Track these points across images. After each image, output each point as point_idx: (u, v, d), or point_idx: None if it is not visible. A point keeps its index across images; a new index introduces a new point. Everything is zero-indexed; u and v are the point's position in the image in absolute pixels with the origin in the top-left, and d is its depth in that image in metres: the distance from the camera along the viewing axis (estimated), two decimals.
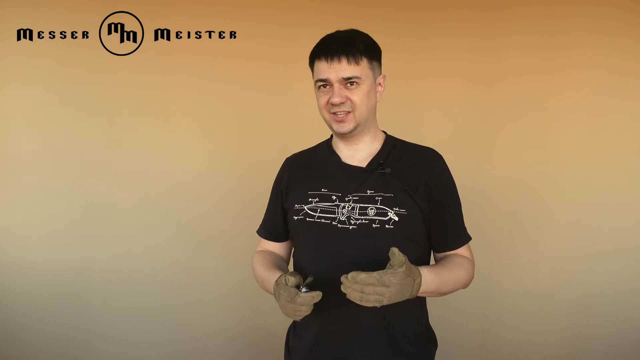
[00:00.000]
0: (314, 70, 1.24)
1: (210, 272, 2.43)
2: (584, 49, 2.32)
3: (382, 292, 1.02)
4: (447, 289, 1.19)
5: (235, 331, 2.44)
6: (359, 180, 1.24)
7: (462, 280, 1.23)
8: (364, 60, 1.19)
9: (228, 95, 2.40)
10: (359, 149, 1.28)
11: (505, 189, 2.38)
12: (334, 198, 1.23)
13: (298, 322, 1.28)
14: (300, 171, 1.34)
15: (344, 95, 1.18)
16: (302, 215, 1.25)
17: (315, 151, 1.38)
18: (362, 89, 1.19)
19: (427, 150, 1.31)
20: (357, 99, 1.19)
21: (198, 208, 2.42)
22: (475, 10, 2.36)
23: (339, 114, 1.20)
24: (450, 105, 2.39)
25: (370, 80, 1.21)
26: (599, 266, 2.35)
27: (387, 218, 1.18)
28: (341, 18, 2.34)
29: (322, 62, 1.19)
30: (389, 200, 1.19)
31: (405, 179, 1.22)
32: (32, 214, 2.38)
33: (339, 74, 1.17)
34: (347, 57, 1.17)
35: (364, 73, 1.19)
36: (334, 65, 1.17)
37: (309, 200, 1.25)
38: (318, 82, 1.21)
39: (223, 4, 2.37)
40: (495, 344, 2.40)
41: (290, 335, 1.35)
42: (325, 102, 1.21)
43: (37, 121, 2.38)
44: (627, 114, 2.33)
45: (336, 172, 1.27)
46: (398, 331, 1.21)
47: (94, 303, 2.40)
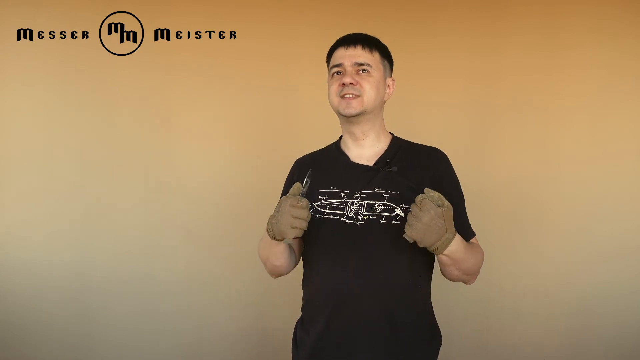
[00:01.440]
0: (331, 60, 1.33)
1: (210, 272, 2.43)
2: (584, 49, 2.32)
3: (415, 215, 1.08)
4: (465, 266, 1.22)
5: (235, 332, 2.44)
6: (367, 178, 1.28)
7: (477, 266, 1.27)
8: (377, 53, 1.30)
9: (228, 96, 2.40)
10: (365, 145, 1.33)
11: (505, 189, 2.38)
12: (343, 195, 1.27)
13: (305, 315, 1.33)
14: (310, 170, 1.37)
15: (355, 78, 1.26)
16: (312, 212, 1.26)
17: (324, 152, 1.43)
18: (373, 77, 1.28)
19: (432, 150, 1.36)
20: (367, 85, 1.26)
21: (198, 208, 2.42)
22: (475, 10, 2.36)
23: (348, 95, 1.26)
24: (450, 105, 2.39)
25: (380, 74, 1.30)
26: (599, 266, 2.35)
27: (393, 214, 1.22)
28: (341, 18, 2.34)
29: (339, 50, 1.30)
30: (395, 197, 1.23)
31: (411, 177, 1.27)
32: (32, 214, 2.38)
33: (352, 59, 1.27)
34: (362, 45, 1.28)
35: (375, 63, 1.29)
36: (350, 51, 1.28)
37: (319, 198, 1.29)
38: (333, 68, 1.30)
39: (223, 4, 2.37)
40: (495, 344, 2.40)
41: (297, 329, 1.38)
42: (337, 86, 1.28)
43: (37, 121, 2.38)
44: (627, 114, 2.33)
45: (344, 171, 1.32)
46: (403, 325, 1.23)
47: (94, 303, 2.40)
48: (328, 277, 1.24)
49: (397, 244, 1.19)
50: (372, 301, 1.21)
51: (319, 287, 1.28)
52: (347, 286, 1.21)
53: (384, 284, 1.21)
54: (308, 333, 1.31)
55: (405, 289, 1.23)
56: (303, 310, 1.37)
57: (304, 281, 1.37)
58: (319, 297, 1.28)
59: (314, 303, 1.30)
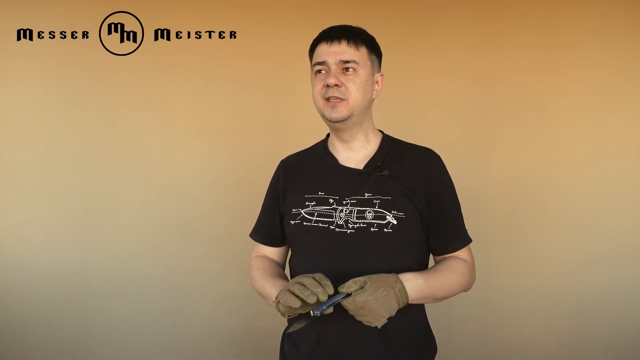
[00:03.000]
0: (314, 56, 1.21)
1: (210, 272, 2.43)
2: (584, 49, 2.32)
3: (365, 314, 1.02)
4: (441, 294, 1.16)
5: (235, 330, 2.44)
6: (357, 183, 1.20)
7: (458, 284, 1.20)
8: (363, 48, 1.18)
9: (228, 96, 2.40)
10: (354, 147, 1.25)
11: (505, 189, 2.38)
12: (332, 201, 1.19)
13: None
14: (296, 174, 1.31)
15: (340, 80, 1.15)
16: (299, 220, 1.21)
17: (310, 153, 1.34)
18: (359, 76, 1.17)
19: (425, 150, 1.27)
20: (353, 87, 1.16)
21: (198, 208, 2.42)
22: (475, 10, 2.36)
23: (332, 99, 1.16)
24: (450, 105, 2.39)
25: (367, 71, 1.19)
26: (598, 266, 2.35)
27: (385, 222, 1.15)
28: (341, 18, 2.32)
29: (322, 45, 1.18)
30: (387, 204, 1.16)
31: (404, 181, 1.19)
32: (32, 214, 2.38)
33: (337, 56, 1.16)
34: (347, 40, 1.16)
35: (362, 60, 1.17)
36: (334, 47, 1.16)
37: (306, 204, 1.22)
38: (316, 66, 1.19)
39: (223, 4, 2.37)
40: (495, 344, 2.40)
41: (285, 343, 1.30)
42: (321, 87, 1.18)
43: (37, 121, 2.38)
44: (627, 114, 2.33)
45: (333, 175, 1.24)
46: (396, 335, 1.17)
47: (94, 303, 2.40)
48: None
49: (388, 253, 1.15)
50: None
51: None
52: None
53: None
54: (298, 348, 1.23)
55: None
56: (290, 322, 1.28)
57: None
58: None
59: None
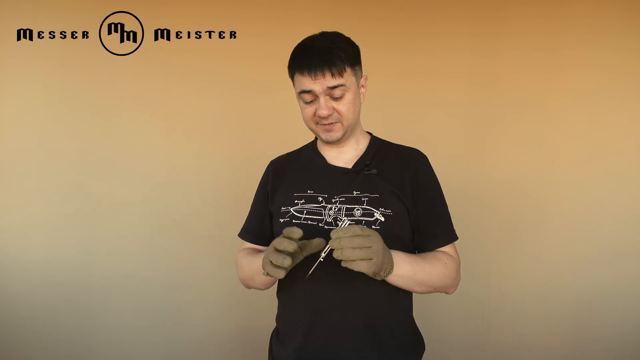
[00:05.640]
0: (296, 82, 1.21)
1: (209, 271, 2.43)
2: (584, 49, 2.32)
3: (368, 243, 1.00)
4: (423, 277, 1.15)
5: (233, 329, 2.44)
6: (345, 182, 1.23)
7: (440, 274, 1.19)
8: (347, 70, 1.17)
9: (228, 95, 2.40)
10: (344, 150, 1.29)
11: (504, 190, 2.38)
12: (321, 200, 1.22)
13: (281, 326, 1.26)
14: (285, 173, 1.33)
15: (330, 106, 1.17)
16: (289, 218, 1.22)
17: (300, 153, 1.38)
18: (347, 98, 1.18)
19: (411, 150, 1.32)
20: (344, 109, 1.18)
21: (198, 208, 2.42)
22: (475, 10, 2.36)
23: (327, 124, 1.19)
24: (450, 105, 2.39)
25: (354, 87, 1.20)
26: (598, 267, 2.34)
27: (373, 218, 1.17)
28: (341, 18, 2.34)
29: (305, 77, 1.16)
30: (375, 201, 1.19)
31: (391, 179, 1.23)
32: (32, 214, 2.38)
33: (323, 85, 1.15)
34: (330, 71, 1.14)
35: (348, 81, 1.17)
36: (319, 79, 1.15)
37: (295, 202, 1.24)
38: (302, 94, 1.19)
39: (223, 4, 2.37)
40: (495, 345, 2.40)
41: (273, 342, 1.31)
42: (312, 114, 1.20)
43: (37, 121, 2.38)
44: (627, 114, 2.33)
45: (322, 174, 1.27)
46: (384, 333, 1.18)
47: (93, 302, 2.40)
48: (305, 286, 1.15)
49: None
50: (354, 311, 1.16)
51: (295, 296, 1.22)
52: (326, 296, 1.16)
53: (365, 293, 1.16)
54: (285, 346, 1.24)
55: (387, 298, 1.19)
56: (278, 321, 1.30)
57: (279, 290, 1.29)
58: (296, 307, 1.22)
59: (291, 314, 1.24)
